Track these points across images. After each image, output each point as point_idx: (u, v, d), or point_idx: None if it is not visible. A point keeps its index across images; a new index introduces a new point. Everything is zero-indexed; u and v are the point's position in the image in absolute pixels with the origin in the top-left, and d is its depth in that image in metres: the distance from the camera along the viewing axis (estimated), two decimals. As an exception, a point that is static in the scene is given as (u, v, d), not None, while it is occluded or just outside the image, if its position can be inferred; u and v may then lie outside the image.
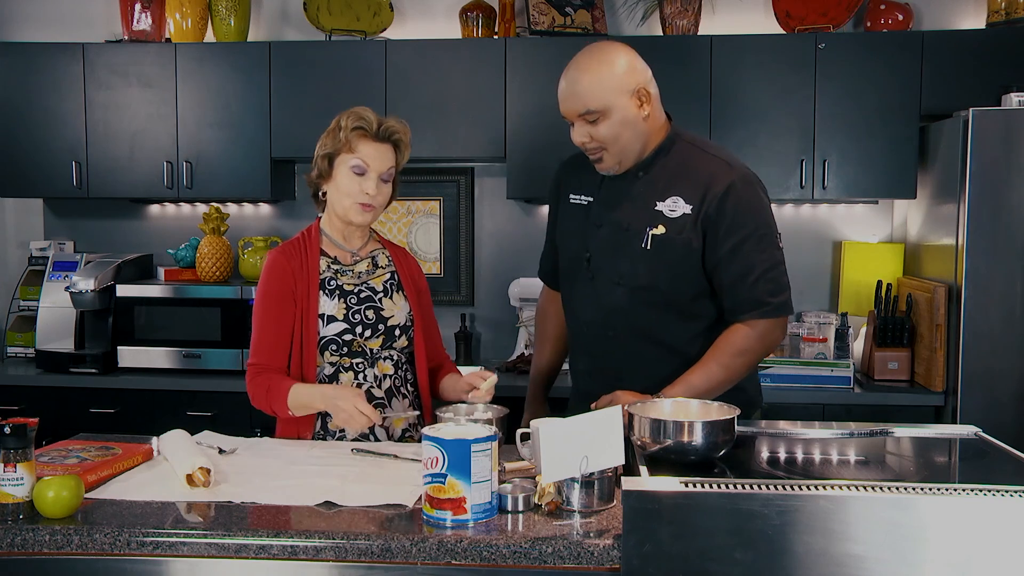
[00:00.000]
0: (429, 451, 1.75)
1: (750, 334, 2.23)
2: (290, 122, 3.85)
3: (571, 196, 2.44)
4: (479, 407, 2.30)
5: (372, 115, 2.37)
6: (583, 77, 2.22)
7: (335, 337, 2.38)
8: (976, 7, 3.91)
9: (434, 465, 1.75)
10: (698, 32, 3.82)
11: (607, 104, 2.20)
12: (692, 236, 2.23)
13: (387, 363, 2.44)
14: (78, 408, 3.72)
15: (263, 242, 4.00)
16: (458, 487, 1.74)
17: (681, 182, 2.26)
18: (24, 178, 3.98)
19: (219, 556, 1.72)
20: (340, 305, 2.40)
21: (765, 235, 2.24)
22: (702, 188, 2.23)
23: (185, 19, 3.97)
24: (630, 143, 2.25)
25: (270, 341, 2.38)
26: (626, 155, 2.27)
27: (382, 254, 2.53)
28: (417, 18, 4.15)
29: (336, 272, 2.43)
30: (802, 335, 3.66)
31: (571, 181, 2.46)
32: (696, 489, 1.63)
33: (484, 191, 4.19)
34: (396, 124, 2.39)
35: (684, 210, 2.24)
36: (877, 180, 3.65)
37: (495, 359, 4.09)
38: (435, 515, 1.75)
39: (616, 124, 2.21)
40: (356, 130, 2.35)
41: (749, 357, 2.25)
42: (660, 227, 2.25)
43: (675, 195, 2.25)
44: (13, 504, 1.78)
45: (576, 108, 2.22)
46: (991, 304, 3.29)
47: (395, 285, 2.49)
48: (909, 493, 1.61)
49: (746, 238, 2.21)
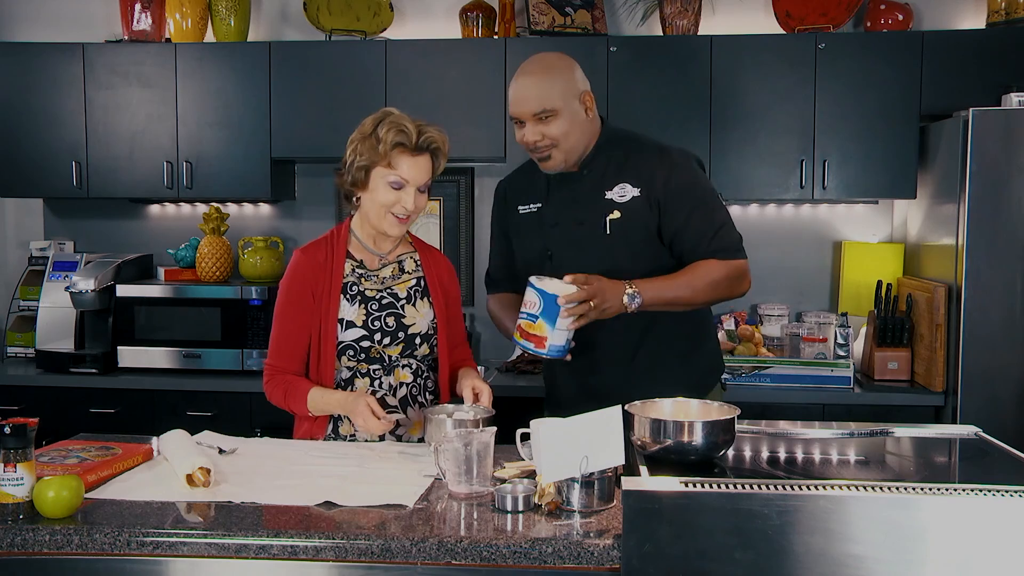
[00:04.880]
0: (530, 295, 2.22)
1: (717, 265, 2.38)
2: (290, 122, 3.85)
3: (520, 208, 2.58)
4: (464, 407, 2.30)
5: (411, 124, 2.30)
6: (540, 80, 2.38)
7: (353, 343, 2.36)
8: (976, 7, 3.91)
9: (532, 307, 2.22)
10: (698, 32, 3.82)
11: (559, 105, 2.37)
12: (647, 215, 2.41)
13: (406, 371, 2.41)
14: (78, 408, 3.71)
15: (263, 242, 4.00)
16: (544, 328, 2.20)
17: (625, 170, 2.44)
18: (24, 178, 3.98)
19: (219, 556, 1.72)
20: (360, 311, 2.37)
21: (711, 199, 2.45)
22: (646, 171, 2.42)
23: (185, 19, 3.97)
24: (577, 141, 2.42)
25: (287, 345, 2.39)
26: (572, 153, 2.43)
27: (410, 258, 2.48)
28: (417, 18, 4.15)
29: (360, 276, 2.40)
30: (802, 335, 3.66)
31: (516, 195, 2.61)
32: (696, 489, 1.63)
33: (484, 191, 4.19)
34: (435, 134, 2.34)
35: (633, 193, 2.42)
36: (877, 180, 3.65)
37: (495, 359, 4.09)
38: (522, 342, 2.25)
39: (566, 123, 2.38)
40: (398, 146, 2.28)
41: (713, 286, 2.38)
42: (615, 212, 2.42)
43: (622, 182, 2.43)
44: (13, 504, 1.78)
45: (532, 108, 2.37)
46: (991, 304, 3.29)
47: (420, 291, 2.45)
48: (909, 493, 1.61)
49: (696, 205, 2.41)
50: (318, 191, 4.22)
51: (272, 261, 3.97)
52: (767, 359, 3.58)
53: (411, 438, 2.41)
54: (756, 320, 3.86)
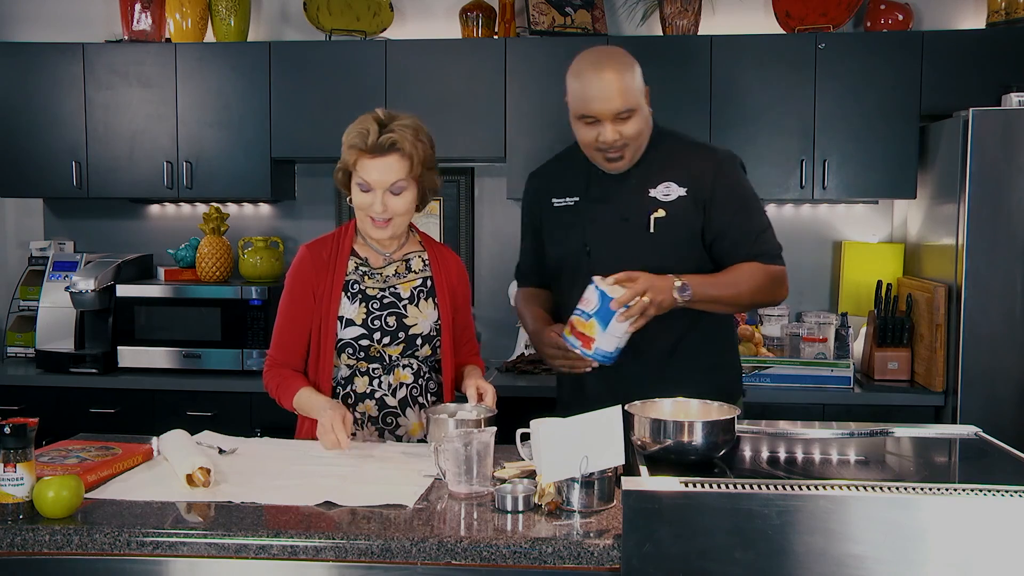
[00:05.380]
0: (590, 292, 2.15)
1: (760, 268, 2.35)
2: (290, 122, 3.85)
3: (554, 201, 2.50)
4: (466, 407, 2.30)
5: (373, 124, 2.26)
6: (621, 77, 2.29)
7: (352, 341, 2.36)
8: (976, 7, 3.91)
9: (588, 304, 2.15)
10: (698, 32, 3.82)
11: (638, 102, 2.32)
12: (692, 215, 2.37)
13: (406, 371, 2.40)
14: (78, 408, 3.71)
15: (263, 242, 4.00)
16: (594, 329, 2.13)
17: (670, 169, 2.40)
18: (24, 178, 3.98)
19: (219, 556, 1.72)
20: (360, 309, 2.36)
21: (755, 203, 2.42)
22: (693, 171, 2.38)
23: (185, 19, 3.97)
24: (644, 140, 2.39)
25: (286, 339, 2.40)
26: (638, 152, 2.39)
27: (418, 257, 2.46)
28: (417, 18, 4.15)
29: (363, 275, 2.40)
30: (802, 335, 3.65)
31: (551, 188, 2.53)
32: (696, 489, 1.63)
33: (484, 191, 4.19)
34: (397, 131, 2.26)
35: (679, 193, 2.37)
36: (877, 180, 3.65)
37: (495, 359, 4.08)
38: (570, 339, 2.19)
39: (641, 122, 2.34)
40: (353, 148, 2.28)
41: (756, 289, 2.35)
42: (660, 211, 2.37)
43: (666, 181, 2.38)
44: (13, 504, 1.78)
45: (616, 107, 2.28)
46: (991, 304, 3.29)
47: (425, 292, 2.43)
48: (909, 493, 1.61)
49: (740, 207, 2.38)
50: (318, 191, 4.21)
51: (272, 261, 3.97)
52: (767, 359, 3.58)
53: (411, 439, 2.41)
54: (756, 320, 3.86)
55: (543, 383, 3.61)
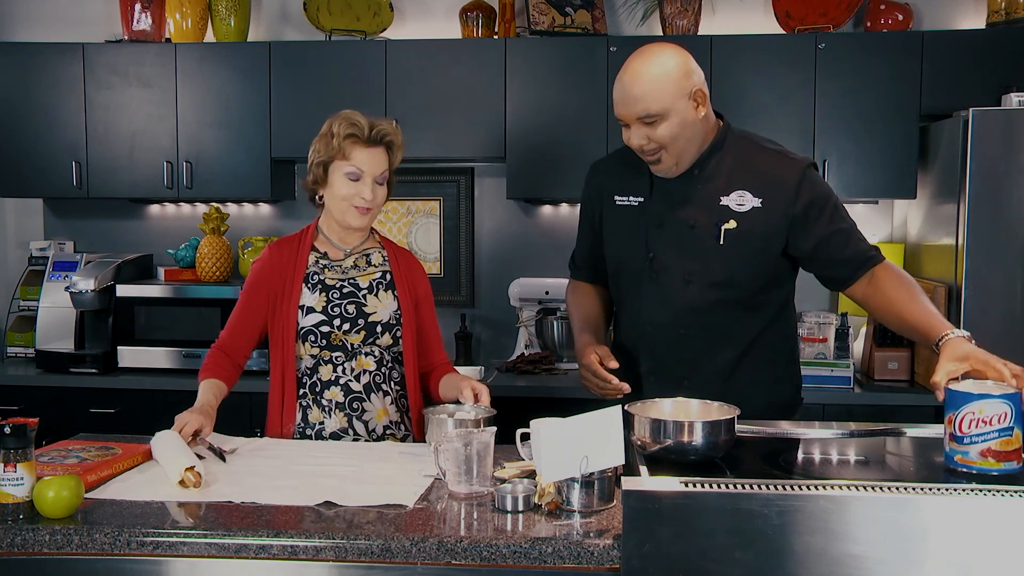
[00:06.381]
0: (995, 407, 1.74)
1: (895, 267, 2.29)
2: (290, 122, 3.85)
3: (616, 198, 2.40)
4: (466, 407, 2.30)
5: (363, 119, 2.40)
6: (644, 81, 2.19)
7: (313, 328, 2.42)
8: (976, 7, 3.91)
9: (1002, 419, 1.74)
10: (698, 32, 3.82)
11: (666, 107, 2.18)
12: (768, 228, 2.26)
13: (368, 359, 2.45)
14: (78, 408, 3.71)
15: (263, 242, 4.00)
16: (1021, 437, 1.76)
17: (744, 176, 2.28)
18: (24, 178, 3.98)
19: (219, 556, 1.72)
20: (320, 298, 2.44)
21: (841, 204, 2.33)
22: (772, 181, 2.27)
23: (185, 19, 3.97)
24: (688, 144, 2.24)
25: (233, 329, 2.51)
26: (684, 156, 2.26)
27: (377, 253, 2.54)
28: (417, 18, 4.15)
29: (323, 267, 2.48)
30: (802, 335, 3.65)
31: (613, 184, 2.42)
32: (696, 489, 1.63)
33: (484, 191, 4.19)
34: (387, 126, 2.43)
35: (754, 203, 2.26)
36: (877, 180, 3.65)
37: (495, 359, 4.09)
38: (1002, 467, 1.74)
39: (675, 126, 2.20)
40: (349, 137, 2.38)
41: None
42: (731, 221, 2.26)
43: (740, 189, 2.27)
44: (13, 504, 1.78)
45: (635, 112, 2.20)
46: (991, 304, 3.29)
47: (385, 284, 2.49)
48: (909, 493, 1.61)
49: (833, 212, 2.29)
50: (318, 191, 4.21)
51: (272, 261, 3.97)
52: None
53: (377, 424, 2.43)
54: (756, 320, 3.86)
55: (543, 383, 3.61)
